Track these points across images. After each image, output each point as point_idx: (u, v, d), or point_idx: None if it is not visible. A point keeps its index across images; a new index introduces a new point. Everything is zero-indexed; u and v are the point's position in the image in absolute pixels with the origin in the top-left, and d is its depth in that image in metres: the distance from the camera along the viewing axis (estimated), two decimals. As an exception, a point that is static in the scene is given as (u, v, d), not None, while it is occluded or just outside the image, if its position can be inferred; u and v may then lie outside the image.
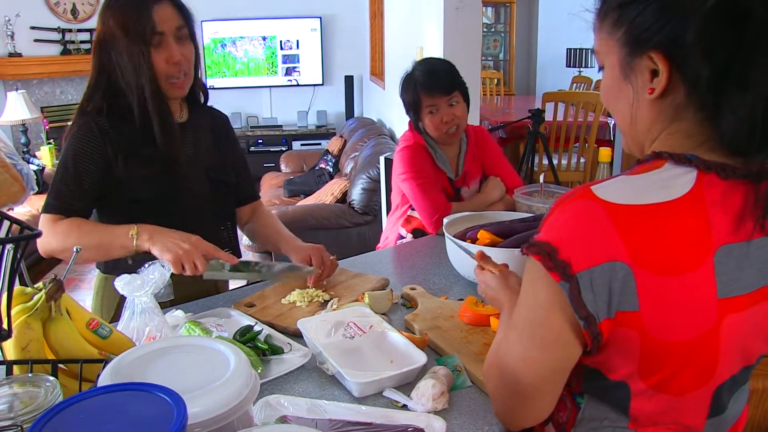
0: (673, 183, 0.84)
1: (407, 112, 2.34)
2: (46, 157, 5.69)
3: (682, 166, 0.86)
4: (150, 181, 1.63)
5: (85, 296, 4.31)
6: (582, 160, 4.92)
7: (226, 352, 0.93)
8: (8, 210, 4.55)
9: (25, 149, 5.75)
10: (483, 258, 1.35)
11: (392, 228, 2.46)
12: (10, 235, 0.81)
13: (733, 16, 0.79)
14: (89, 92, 1.64)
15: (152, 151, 1.62)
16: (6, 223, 0.84)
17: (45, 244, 1.56)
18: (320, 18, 7.19)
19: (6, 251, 0.80)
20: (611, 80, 0.94)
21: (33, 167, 5.25)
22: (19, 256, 0.80)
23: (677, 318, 0.84)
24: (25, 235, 0.79)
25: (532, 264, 0.88)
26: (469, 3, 3.13)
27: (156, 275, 1.22)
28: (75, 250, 1.09)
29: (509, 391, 0.96)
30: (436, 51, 3.42)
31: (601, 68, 0.97)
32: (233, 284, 1.96)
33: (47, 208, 1.59)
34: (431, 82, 2.23)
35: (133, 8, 1.56)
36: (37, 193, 5.14)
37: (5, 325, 0.88)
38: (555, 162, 4.69)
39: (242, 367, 0.90)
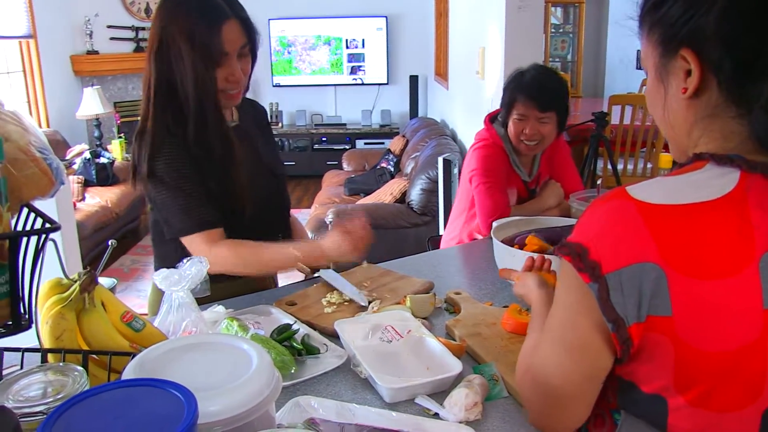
0: (713, 183, 0.80)
1: (501, 106, 2.28)
2: (116, 150, 5.92)
3: (725, 166, 0.81)
4: (222, 192, 1.61)
5: (147, 286, 4.42)
6: (648, 165, 4.76)
7: (250, 352, 0.92)
8: (78, 199, 4.74)
9: (97, 143, 5.99)
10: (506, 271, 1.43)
11: (461, 229, 2.41)
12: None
13: (754, 6, 0.77)
14: (154, 110, 1.56)
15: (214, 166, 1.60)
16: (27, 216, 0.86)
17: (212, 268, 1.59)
18: (386, 17, 7.21)
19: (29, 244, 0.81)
20: (651, 85, 0.92)
21: (104, 160, 5.45)
22: (41, 248, 0.82)
23: (714, 326, 0.78)
24: (45, 228, 0.80)
25: (564, 266, 0.85)
26: (531, 3, 3.06)
27: (193, 271, 1.23)
28: (110, 244, 1.11)
29: (542, 396, 0.94)
30: (497, 51, 3.36)
31: None
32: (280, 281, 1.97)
33: (189, 230, 1.57)
34: (530, 92, 2.16)
35: (201, 22, 1.49)
36: (106, 184, 5.33)
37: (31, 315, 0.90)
38: (620, 167, 4.55)
39: (264, 367, 0.89)
